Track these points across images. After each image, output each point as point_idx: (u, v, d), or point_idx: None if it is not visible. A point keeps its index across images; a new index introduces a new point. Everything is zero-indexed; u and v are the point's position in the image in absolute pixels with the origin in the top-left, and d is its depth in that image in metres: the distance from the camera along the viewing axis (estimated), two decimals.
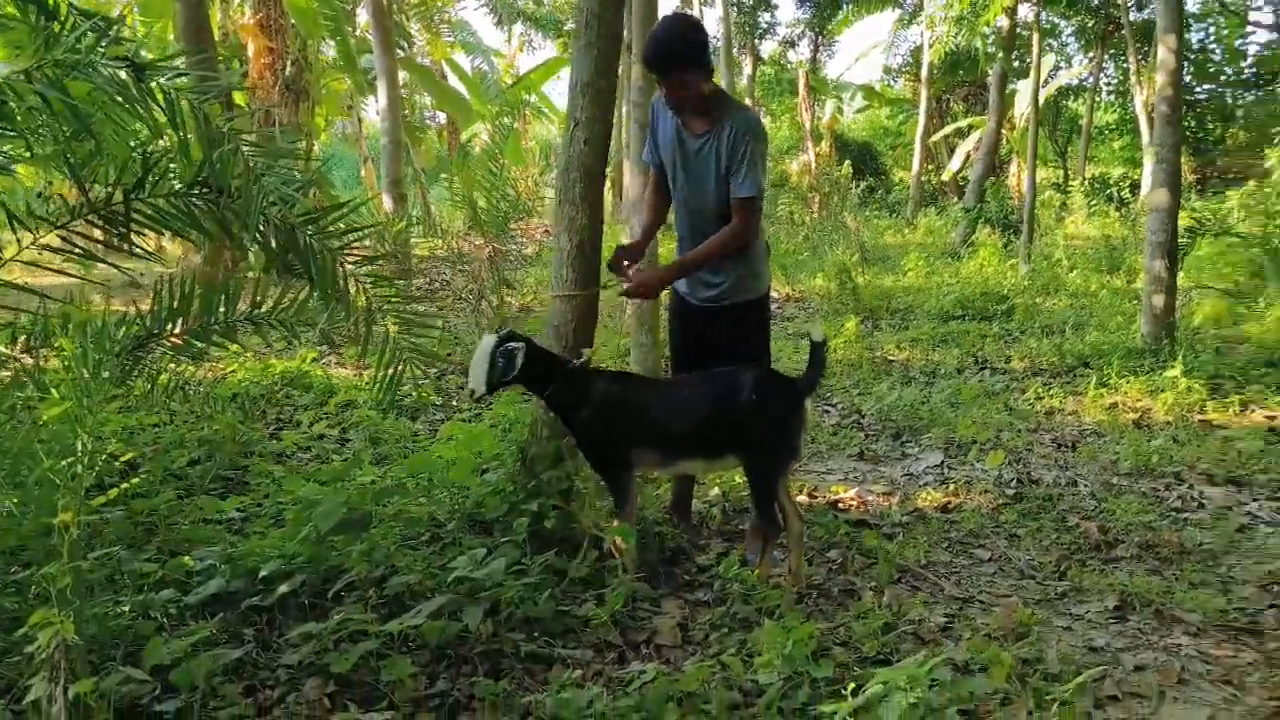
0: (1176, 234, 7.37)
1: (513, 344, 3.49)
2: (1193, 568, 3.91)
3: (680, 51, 3.46)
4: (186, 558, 3.54)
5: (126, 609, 3.07)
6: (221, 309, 3.80)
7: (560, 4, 24.71)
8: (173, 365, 4.17)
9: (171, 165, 3.44)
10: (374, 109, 22.67)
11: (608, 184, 5.26)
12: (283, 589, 3.31)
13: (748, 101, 23.84)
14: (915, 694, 2.31)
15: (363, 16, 17.35)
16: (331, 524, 3.37)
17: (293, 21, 13.48)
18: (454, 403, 6.69)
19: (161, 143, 3.44)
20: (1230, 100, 23.97)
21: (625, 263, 3.71)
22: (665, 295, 4.15)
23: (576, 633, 3.31)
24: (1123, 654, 3.24)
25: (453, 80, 21.20)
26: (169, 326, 3.75)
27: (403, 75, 16.66)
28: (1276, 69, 25.03)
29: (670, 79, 3.49)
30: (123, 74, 3.24)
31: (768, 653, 2.96)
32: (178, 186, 3.43)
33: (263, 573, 3.38)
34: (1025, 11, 15.02)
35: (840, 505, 4.68)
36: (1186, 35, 24.28)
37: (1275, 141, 18.76)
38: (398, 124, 11.47)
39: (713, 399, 3.62)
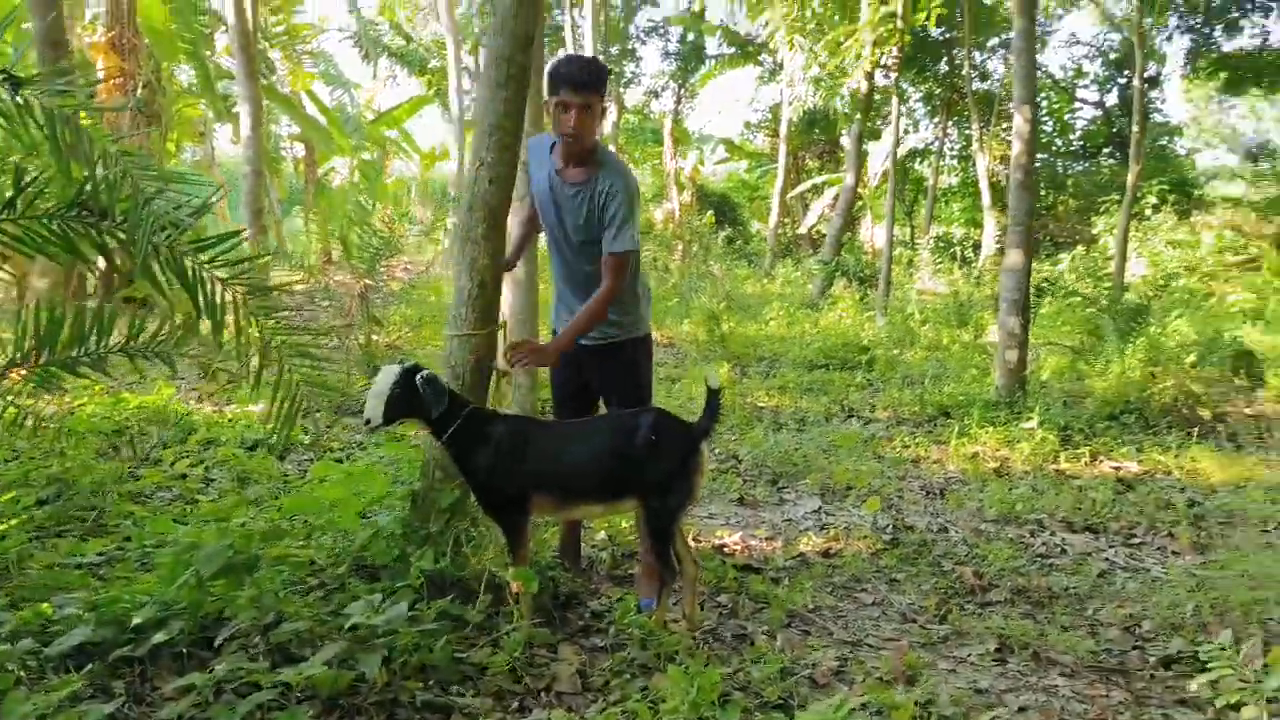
0: (1029, 293, 7.80)
1: (428, 373, 3.43)
2: (1062, 611, 4.09)
3: (603, 77, 3.56)
4: (45, 605, 3.29)
5: None
6: (94, 338, 3.58)
7: (426, 42, 24.55)
8: (15, 398, 3.90)
9: (47, 186, 3.24)
10: (226, 137, 22.09)
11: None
12: (158, 638, 3.11)
13: (612, 148, 24.21)
14: None
15: (221, 41, 16.86)
16: (214, 568, 3.19)
17: (147, 42, 12.96)
18: (322, 441, 6.47)
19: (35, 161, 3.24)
20: (1060, 170, 25.58)
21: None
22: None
23: (474, 680, 3.22)
24: (1006, 695, 3.36)
25: (312, 111, 20.75)
26: (32, 356, 3.52)
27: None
28: (1100, 142, 26.94)
29: (590, 98, 3.50)
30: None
31: (673, 699, 2.95)
32: (53, 208, 3.23)
33: (135, 620, 3.17)
34: (880, 78, 15.69)
35: (725, 550, 4.72)
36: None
37: (1101, 210, 20.20)
38: (260, 153, 11.12)
39: (612, 441, 3.62)
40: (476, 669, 3.26)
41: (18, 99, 3.13)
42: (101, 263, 3.41)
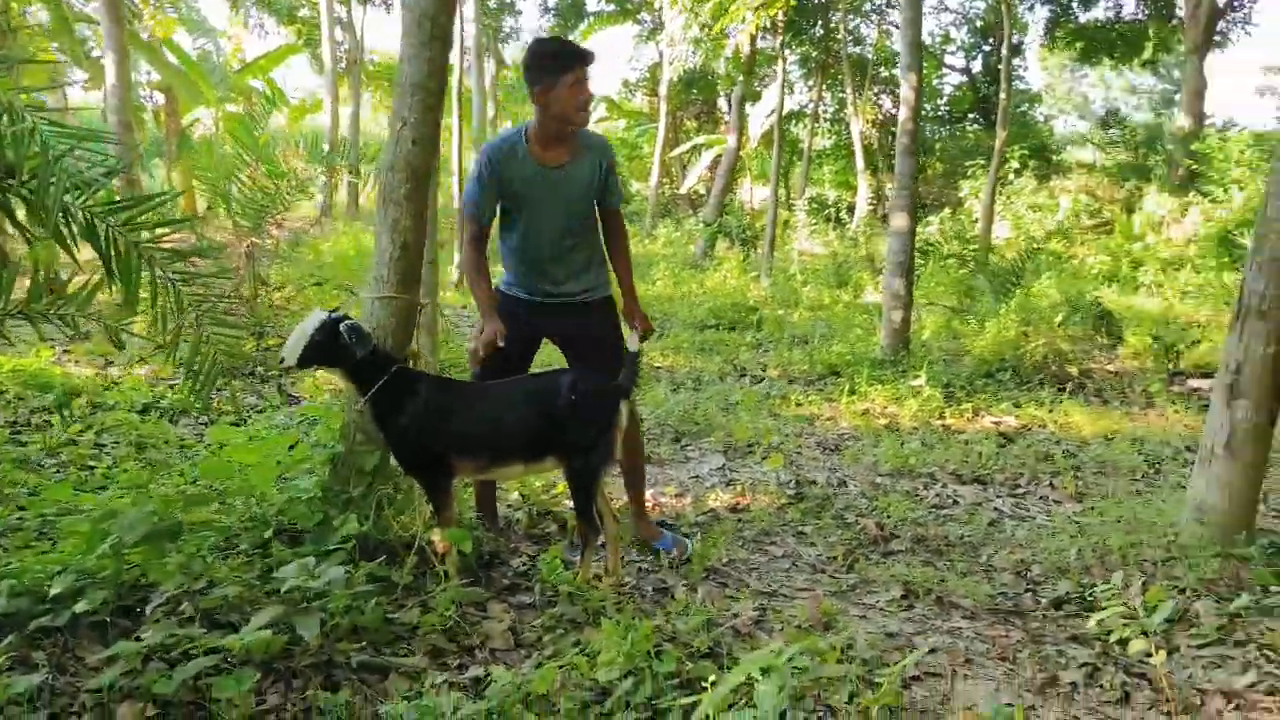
0: (913, 255, 8.11)
1: (354, 323, 3.44)
2: (959, 558, 4.34)
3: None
4: None
5: None
6: None
7: None
8: None
9: None
10: (82, 83, 20.87)
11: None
12: (79, 607, 3.03)
13: (490, 105, 23.85)
14: (777, 681, 2.46)
15: None
16: (138, 535, 3.12)
17: None
18: (214, 405, 6.30)
19: None
20: (929, 134, 26.43)
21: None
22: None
23: (407, 640, 3.24)
24: (915, 637, 3.56)
25: (173, 61, 19.81)
26: None
27: None
28: (966, 108, 27.90)
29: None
30: None
31: (608, 651, 3.03)
32: None
33: (53, 590, 3.09)
34: (761, 41, 15.89)
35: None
36: (892, 71, 26.63)
37: (967, 174, 20.98)
38: (127, 104, 10.58)
39: (535, 402, 3.66)
40: (408, 629, 3.28)
41: None
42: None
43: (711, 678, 2.65)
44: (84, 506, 3.92)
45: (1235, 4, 19.71)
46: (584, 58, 3.63)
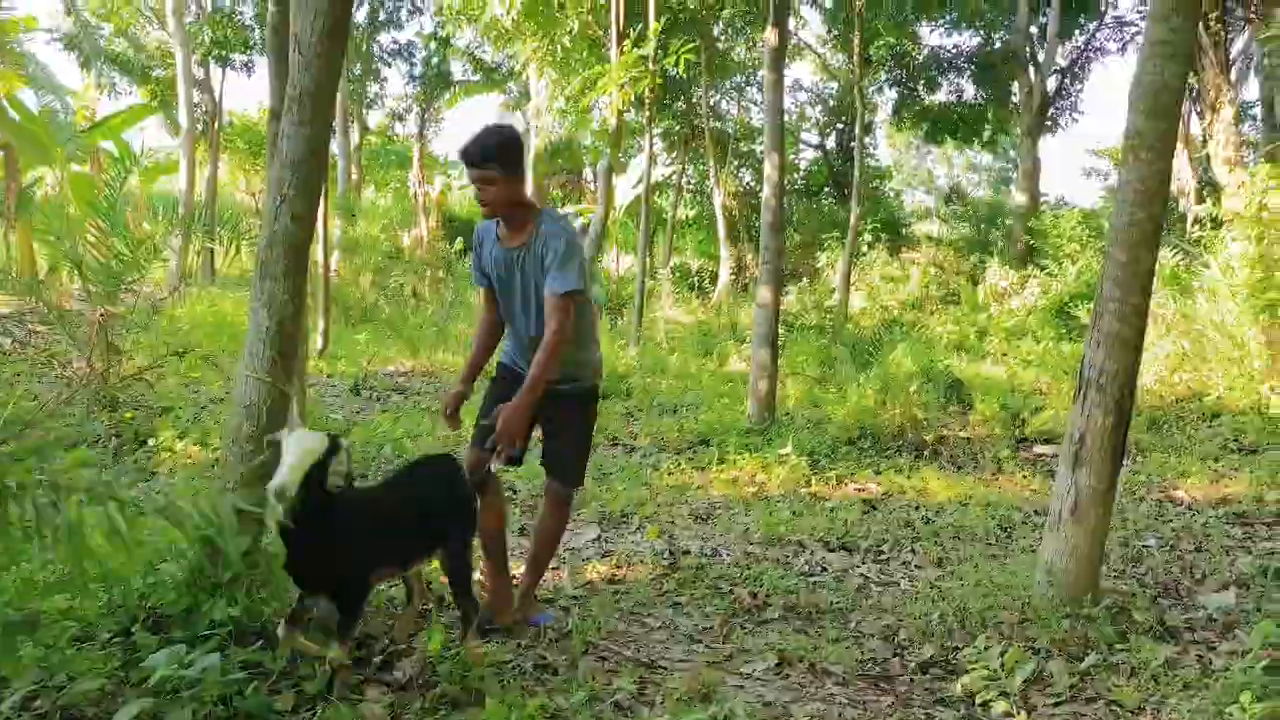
0: (778, 326, 8.39)
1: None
2: (829, 625, 4.47)
3: (493, 148, 3.77)
4: None
5: None
6: None
7: (152, 49, 23.06)
8: None
9: None
10: None
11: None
12: None
13: (353, 171, 23.62)
14: None
15: None
16: None
17: None
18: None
19: None
20: (788, 207, 27.37)
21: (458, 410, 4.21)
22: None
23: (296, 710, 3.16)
24: (791, 705, 3.66)
25: (14, 117, 18.99)
26: None
27: None
28: (821, 182, 29.05)
29: (484, 171, 3.76)
30: None
31: None
32: None
33: None
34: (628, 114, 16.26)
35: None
36: (752, 146, 27.58)
37: (823, 245, 21.81)
38: None
39: (431, 493, 3.75)
40: (280, 716, 3.20)
41: None
42: None
43: None
44: None
45: (1064, 92, 21.22)
46: (463, 160, 3.84)
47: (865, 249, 21.24)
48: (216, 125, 23.09)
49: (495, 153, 3.77)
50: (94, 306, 7.75)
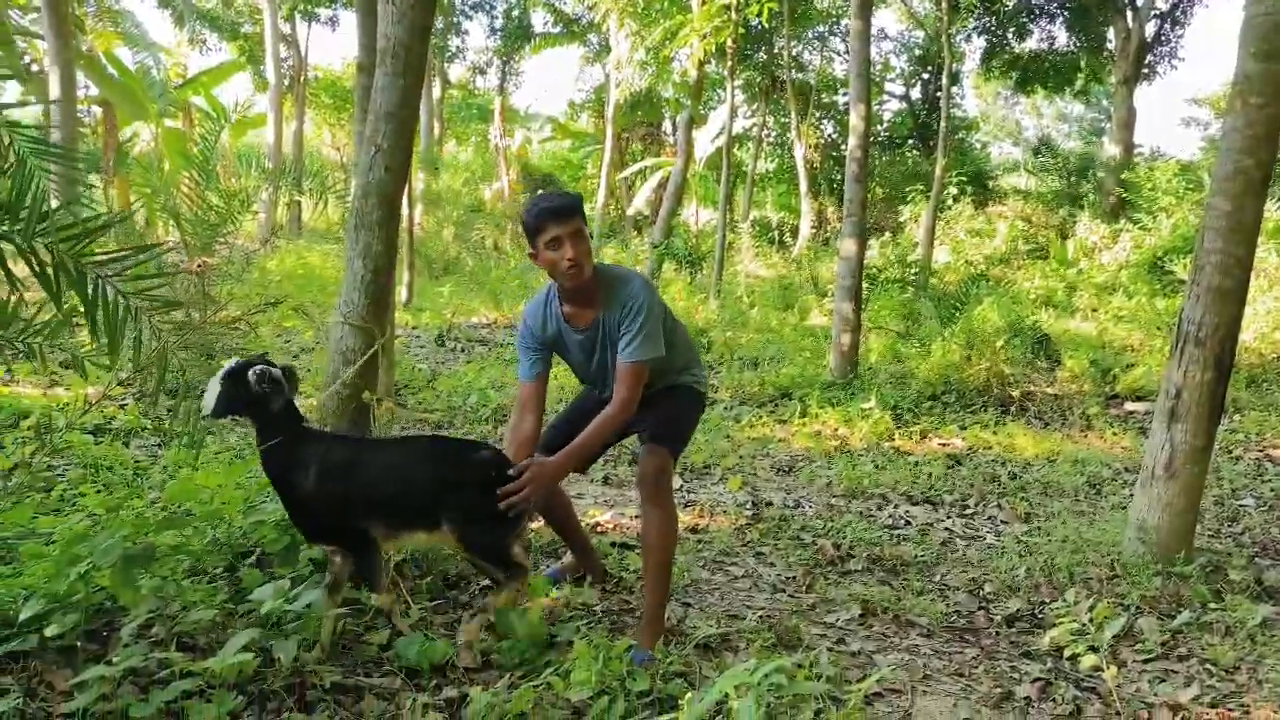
0: (861, 280, 8.30)
1: (265, 368, 3.17)
2: (914, 577, 4.47)
3: (580, 203, 3.32)
4: None
5: None
6: None
7: (240, 6, 23.46)
8: None
9: None
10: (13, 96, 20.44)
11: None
12: (50, 631, 3.03)
13: (435, 125, 23.81)
14: (754, 699, 2.54)
15: None
16: (112, 559, 3.12)
17: None
18: (166, 427, 6.24)
19: None
20: (870, 159, 26.93)
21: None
22: None
23: (378, 662, 3.27)
24: (875, 655, 3.67)
25: (113, 74, 19.54)
26: None
27: None
28: (905, 134, 28.48)
29: (577, 223, 3.24)
30: None
31: (581, 671, 3.09)
32: None
33: (21, 615, 3.07)
34: (709, 66, 16.12)
35: (599, 528, 4.89)
36: (834, 98, 27.12)
37: (906, 199, 21.42)
38: (73, 117, 10.45)
39: (432, 472, 3.32)
40: (378, 650, 3.31)
41: None
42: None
43: (689, 695, 2.73)
44: (44, 530, 3.90)
45: (1163, 38, 20.42)
46: (555, 214, 3.23)
47: (950, 202, 20.81)
48: (302, 79, 23.46)
49: (581, 204, 3.32)
50: (191, 258, 8.00)
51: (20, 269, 3.27)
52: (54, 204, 3.42)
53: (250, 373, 3.15)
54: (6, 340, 3.56)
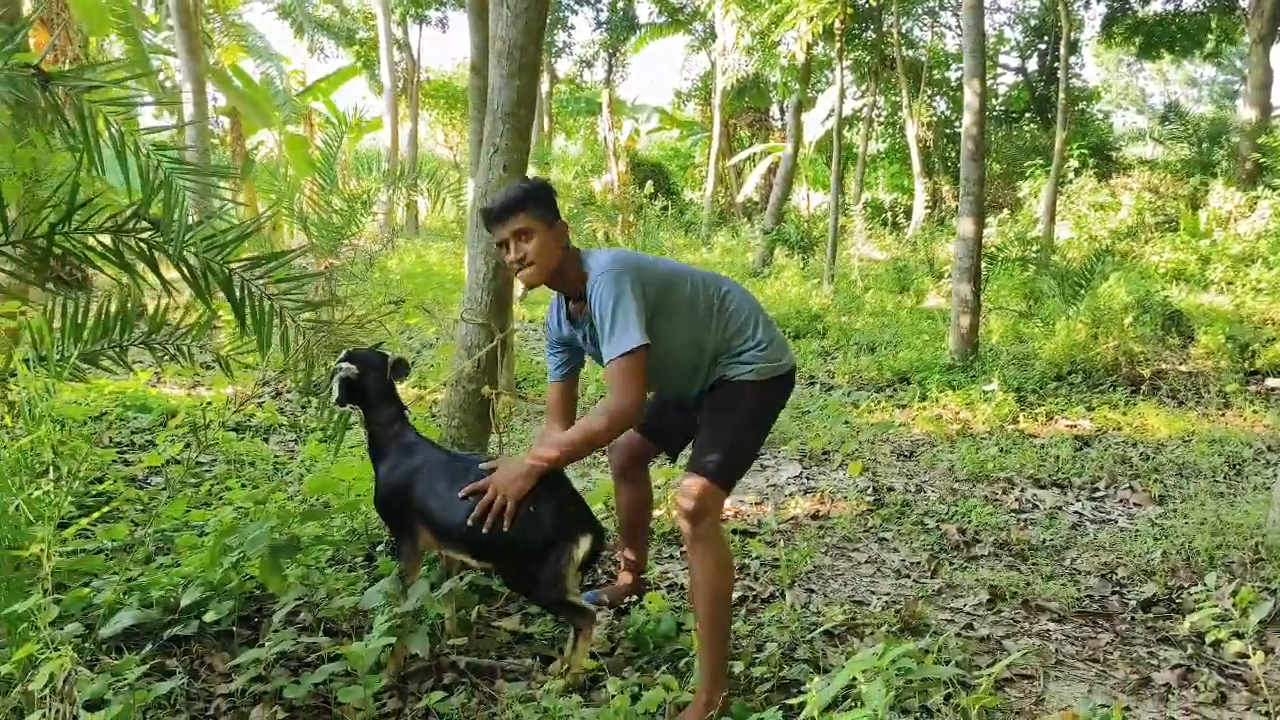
0: (980, 260, 8.13)
1: (343, 365, 3.29)
2: (1043, 562, 4.38)
3: (520, 198, 3.00)
4: (85, 589, 3.38)
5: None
6: (119, 331, 3.64)
7: (355, 13, 24.17)
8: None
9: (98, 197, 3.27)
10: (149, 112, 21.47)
11: None
12: (208, 617, 3.23)
13: (544, 120, 24.13)
14: (883, 682, 2.54)
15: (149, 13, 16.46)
16: (260, 549, 3.30)
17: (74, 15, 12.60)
18: (302, 422, 6.53)
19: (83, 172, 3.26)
20: (987, 135, 26.22)
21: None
22: None
23: (511, 645, 3.38)
24: (1004, 640, 3.62)
25: (238, 85, 20.36)
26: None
27: None
28: (1022, 107, 27.66)
29: (513, 221, 2.98)
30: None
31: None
32: (107, 221, 3.23)
33: (183, 602, 3.28)
34: (816, 48, 15.93)
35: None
36: (946, 74, 26.49)
37: (1025, 174, 20.80)
38: (204, 132, 10.95)
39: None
40: (509, 634, 3.42)
41: (48, 96, 3.16)
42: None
43: (815, 680, 2.75)
44: (196, 523, 4.14)
45: None
46: (492, 215, 3.03)
47: (1071, 176, 20.12)
48: (415, 82, 24.04)
49: (522, 200, 2.99)
50: (317, 259, 8.32)
51: (170, 274, 3.48)
52: (195, 216, 3.63)
53: (339, 366, 3.29)
54: (159, 343, 3.80)
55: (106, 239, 3.23)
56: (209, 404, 6.61)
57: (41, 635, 2.24)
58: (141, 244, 3.19)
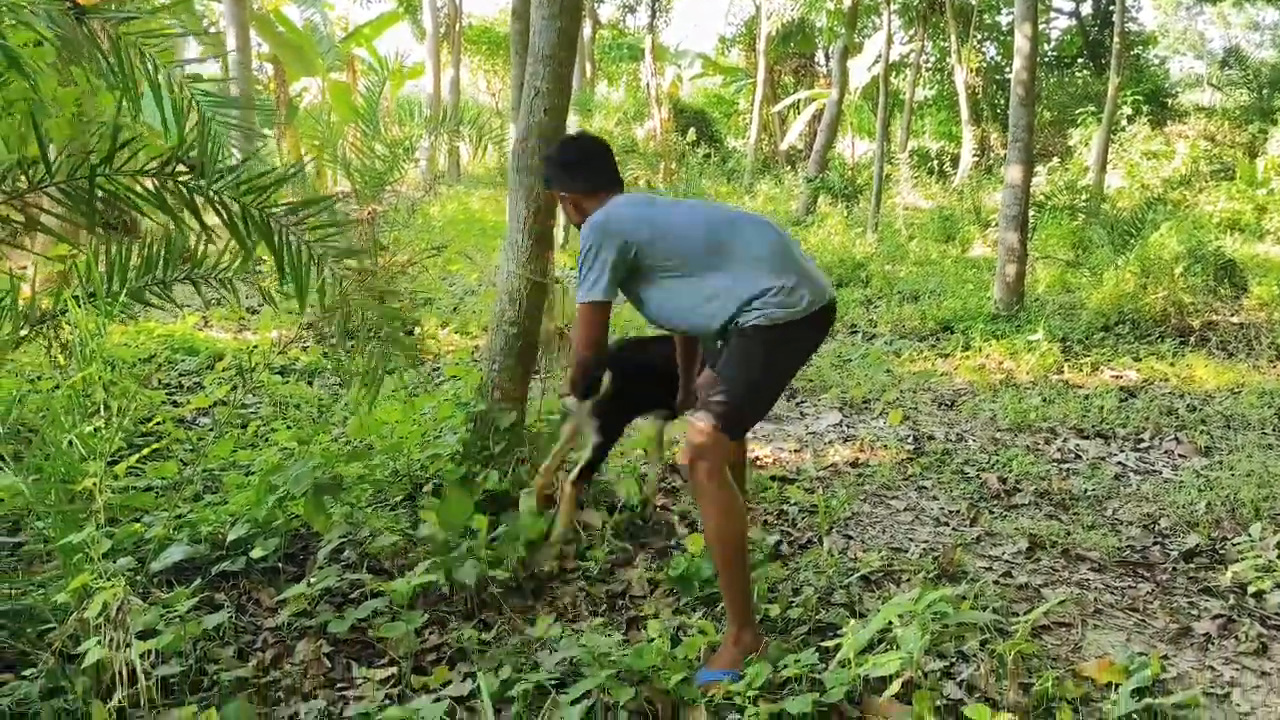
0: (1028, 208, 7.99)
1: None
2: (1084, 512, 4.35)
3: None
4: (137, 525, 3.47)
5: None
6: (162, 267, 3.68)
7: None
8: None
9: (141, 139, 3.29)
10: (194, 53, 21.57)
11: None
12: (255, 554, 3.31)
13: (586, 67, 23.90)
14: (918, 627, 2.56)
15: None
16: (304, 488, 3.36)
17: None
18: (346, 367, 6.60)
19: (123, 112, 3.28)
20: (1038, 81, 25.60)
21: None
22: None
23: (552, 588, 3.43)
24: (1043, 589, 3.61)
25: (281, 31, 20.36)
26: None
27: None
28: (1074, 53, 26.98)
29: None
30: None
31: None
32: (149, 164, 3.25)
33: (230, 538, 3.36)
34: None
35: (758, 462, 4.94)
36: (996, 18, 25.88)
37: (1076, 122, 20.35)
38: (248, 76, 10.99)
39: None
40: (547, 575, 3.47)
41: (84, 30, 3.17)
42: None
43: (851, 623, 2.77)
44: (243, 462, 4.23)
45: None
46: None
47: (1124, 123, 19.65)
48: (458, 28, 23.91)
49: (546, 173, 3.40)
50: (361, 205, 8.34)
51: (210, 219, 3.51)
52: (237, 158, 3.65)
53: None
54: (202, 278, 3.84)
55: (149, 182, 3.25)
56: (255, 347, 6.72)
57: (95, 566, 2.31)
58: (181, 187, 3.20)
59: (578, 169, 3.27)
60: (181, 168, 3.27)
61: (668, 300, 3.09)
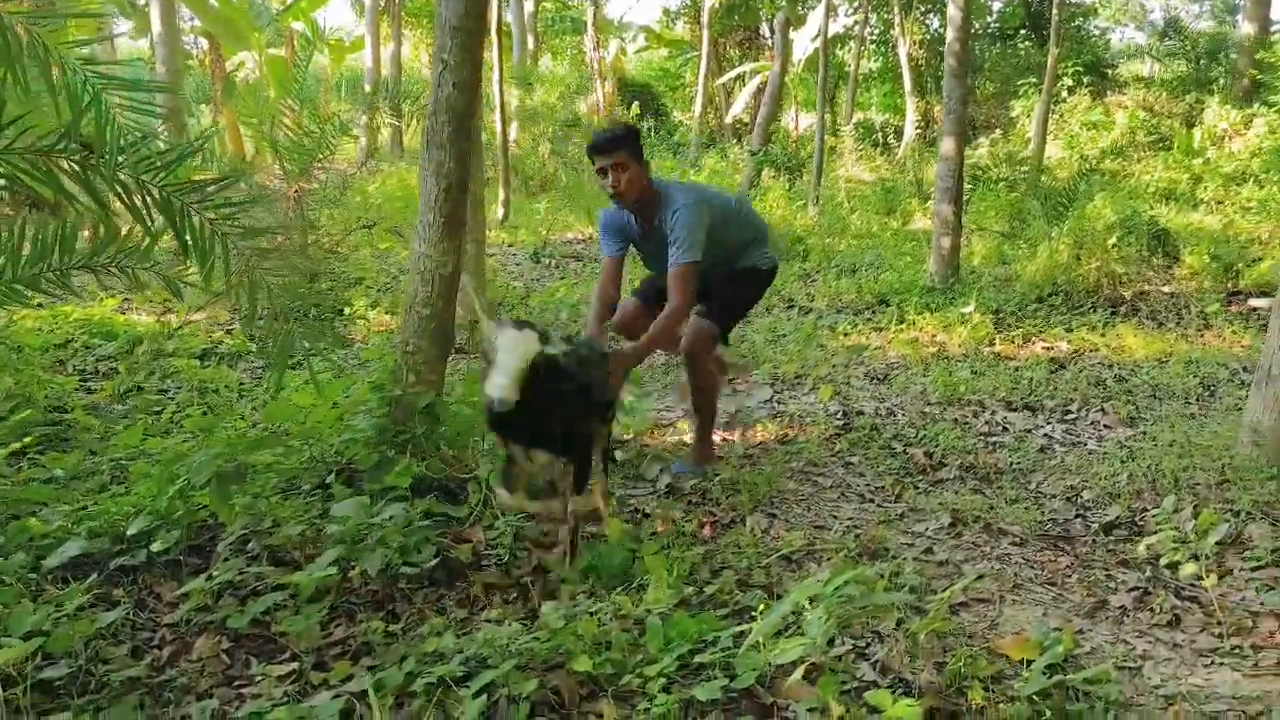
0: (962, 180, 7.99)
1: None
2: (1008, 485, 4.36)
3: (622, 138, 3.93)
4: (32, 520, 3.34)
5: None
6: (57, 254, 3.52)
7: None
8: None
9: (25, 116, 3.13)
10: (124, 29, 21.01)
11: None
12: (155, 547, 3.19)
13: (529, 40, 23.60)
14: (825, 609, 2.52)
15: None
16: (205, 477, 3.25)
17: None
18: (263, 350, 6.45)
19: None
20: (978, 53, 25.66)
21: None
22: None
23: (465, 575, 3.35)
24: (963, 565, 3.60)
25: (212, 4, 19.85)
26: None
27: None
28: (1016, 25, 27.09)
29: (616, 157, 3.87)
30: None
31: (657, 590, 3.08)
32: (36, 143, 3.09)
33: (130, 531, 3.24)
34: None
35: (685, 441, 4.88)
36: None
37: (1018, 93, 20.45)
38: (176, 51, 10.66)
39: None
40: (460, 563, 3.38)
41: None
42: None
43: (761, 606, 2.73)
44: (152, 451, 4.09)
45: None
46: (596, 149, 3.94)
47: (1065, 94, 19.75)
48: (398, 1, 23.47)
49: (623, 139, 3.92)
50: (289, 184, 8.15)
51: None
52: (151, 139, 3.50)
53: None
54: (101, 265, 3.68)
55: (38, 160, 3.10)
56: (173, 331, 6.54)
57: None
58: (73, 165, 3.06)
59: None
60: (74, 145, 3.13)
61: (716, 249, 4.07)
